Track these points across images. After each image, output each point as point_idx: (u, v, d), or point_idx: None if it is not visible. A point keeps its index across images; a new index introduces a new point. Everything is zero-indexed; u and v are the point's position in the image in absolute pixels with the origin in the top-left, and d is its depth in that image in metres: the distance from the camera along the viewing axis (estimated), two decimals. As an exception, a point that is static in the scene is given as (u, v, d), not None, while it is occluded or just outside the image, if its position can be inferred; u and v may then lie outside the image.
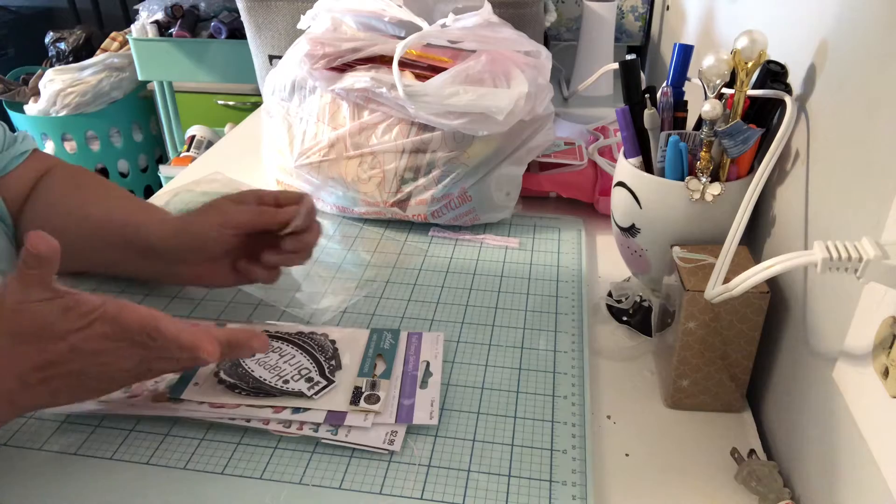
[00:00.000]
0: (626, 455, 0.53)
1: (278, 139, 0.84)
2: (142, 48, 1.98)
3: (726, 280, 0.48)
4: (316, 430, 0.53)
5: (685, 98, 0.61)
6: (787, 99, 0.53)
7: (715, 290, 0.49)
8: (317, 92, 0.81)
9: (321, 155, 0.80)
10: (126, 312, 0.47)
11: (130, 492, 0.49)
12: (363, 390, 0.56)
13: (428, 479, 0.50)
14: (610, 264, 0.75)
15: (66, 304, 0.46)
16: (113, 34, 2.28)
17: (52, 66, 2.23)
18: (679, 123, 0.61)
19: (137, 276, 0.71)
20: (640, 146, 0.62)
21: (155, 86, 2.17)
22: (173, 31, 1.97)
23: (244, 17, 1.06)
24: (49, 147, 2.24)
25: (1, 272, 0.67)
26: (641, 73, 0.65)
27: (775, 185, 0.58)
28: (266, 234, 0.64)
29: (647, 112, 0.60)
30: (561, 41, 1.33)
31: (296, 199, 0.64)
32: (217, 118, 2.26)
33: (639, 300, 0.67)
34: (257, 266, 0.65)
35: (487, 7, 0.81)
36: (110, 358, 0.47)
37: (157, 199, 0.90)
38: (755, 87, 0.56)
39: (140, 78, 2.07)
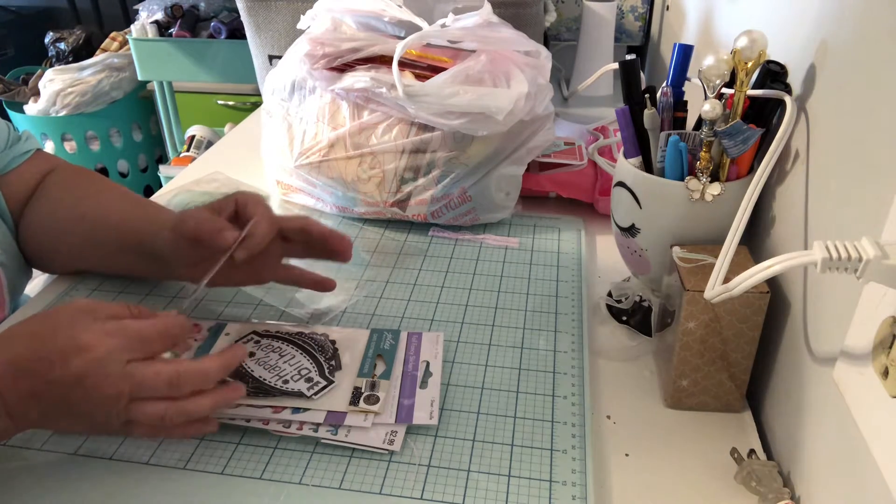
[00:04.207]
0: (626, 455, 0.53)
1: (278, 139, 0.84)
2: (142, 48, 1.98)
3: (726, 280, 0.48)
4: (316, 431, 0.53)
5: (685, 98, 0.61)
6: (787, 99, 0.53)
7: (715, 290, 0.49)
8: (317, 92, 0.81)
9: (321, 155, 0.80)
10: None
11: (130, 492, 0.49)
12: (363, 391, 0.56)
13: (428, 479, 0.50)
14: (610, 264, 0.75)
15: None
16: (113, 34, 2.28)
17: (52, 66, 2.23)
18: (679, 123, 0.61)
19: (136, 275, 0.71)
20: (640, 146, 0.62)
21: (155, 86, 2.17)
22: (173, 31, 1.97)
23: (244, 17, 1.06)
24: (49, 147, 2.24)
25: (1, 264, 0.67)
26: (641, 73, 0.65)
27: (775, 185, 0.58)
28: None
29: (646, 112, 0.60)
30: (561, 41, 1.33)
31: (250, 215, 0.59)
32: (217, 118, 2.25)
33: (639, 300, 0.67)
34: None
35: (487, 7, 0.81)
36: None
37: (157, 199, 0.90)
38: (755, 87, 0.56)
39: (140, 78, 2.07)
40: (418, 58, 0.79)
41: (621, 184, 0.62)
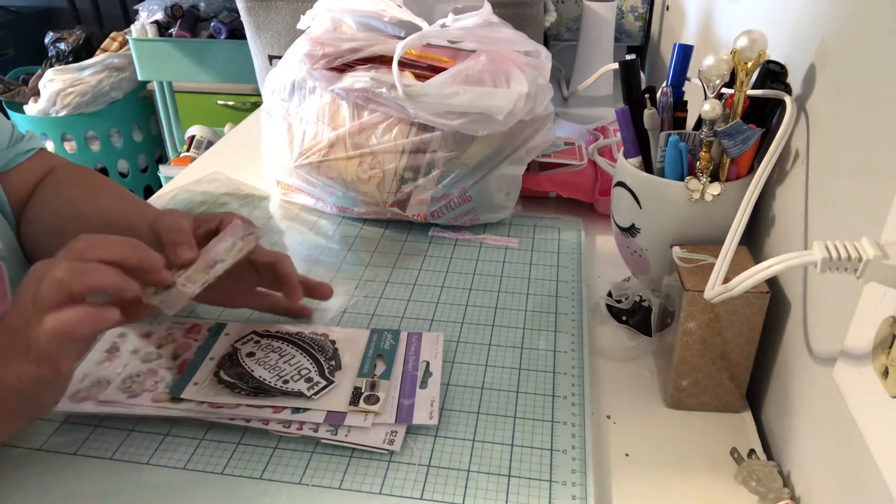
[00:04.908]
0: (626, 455, 0.53)
1: (278, 139, 0.83)
2: (142, 48, 1.98)
3: (726, 280, 0.48)
4: (316, 431, 0.53)
5: (685, 98, 0.61)
6: (787, 99, 0.53)
7: (714, 290, 0.49)
8: (317, 92, 0.81)
9: (321, 155, 0.80)
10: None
11: (130, 492, 0.49)
12: (363, 391, 0.56)
13: (428, 479, 0.50)
14: (610, 264, 0.75)
15: None
16: (113, 34, 2.29)
17: (52, 66, 2.23)
18: (679, 123, 0.61)
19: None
20: (640, 146, 0.62)
21: (155, 86, 2.17)
22: (173, 31, 1.97)
23: (244, 17, 1.06)
24: (49, 147, 2.24)
25: (3, 258, 0.67)
26: (641, 73, 0.65)
27: (775, 185, 0.58)
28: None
29: (646, 112, 0.60)
30: (561, 41, 1.33)
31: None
32: (217, 118, 2.26)
33: (639, 300, 0.67)
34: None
35: (487, 7, 0.81)
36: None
37: (157, 199, 0.90)
38: (755, 87, 0.56)
39: (140, 78, 2.07)
40: (418, 58, 0.79)
41: (621, 184, 0.62)
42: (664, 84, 0.60)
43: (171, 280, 0.52)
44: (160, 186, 1.96)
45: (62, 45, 2.27)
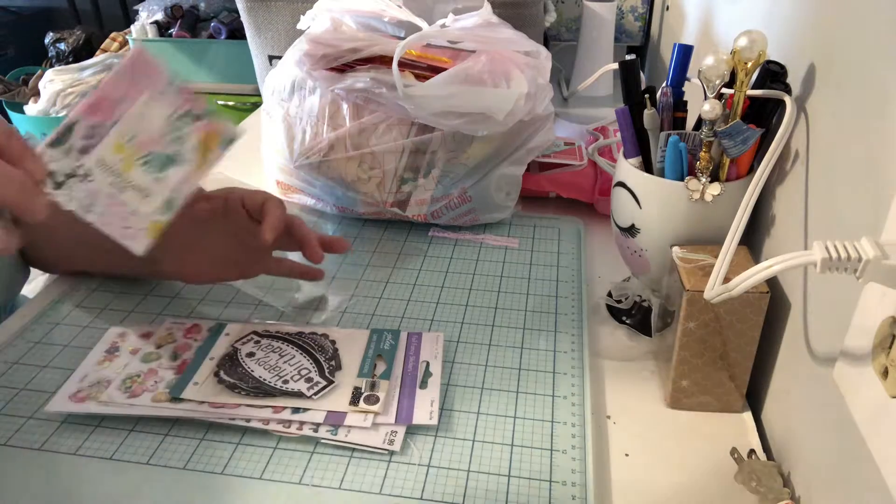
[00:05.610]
0: (626, 455, 0.53)
1: (278, 140, 0.83)
2: (142, 48, 1.99)
3: (726, 280, 0.48)
4: (316, 431, 0.53)
5: (685, 98, 0.61)
6: (787, 99, 0.53)
7: (715, 290, 0.49)
8: (317, 92, 0.81)
9: (321, 155, 0.80)
10: None
11: (130, 492, 0.49)
12: (363, 391, 0.56)
13: (428, 479, 0.50)
14: (610, 264, 0.75)
15: None
16: (113, 34, 2.29)
17: (52, 66, 2.23)
18: (679, 123, 0.61)
19: (128, 274, 0.71)
20: (640, 146, 0.62)
21: (155, 86, 2.17)
22: (173, 31, 1.97)
23: (244, 18, 1.06)
24: (49, 147, 2.24)
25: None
26: (641, 73, 0.65)
27: (775, 185, 0.58)
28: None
29: (646, 112, 0.60)
30: (561, 41, 1.33)
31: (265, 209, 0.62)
32: (217, 118, 2.25)
33: (639, 300, 0.67)
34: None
35: (487, 7, 0.81)
36: None
37: (157, 199, 0.90)
38: (755, 87, 0.56)
39: (140, 78, 2.07)
40: (418, 58, 0.79)
41: (621, 184, 0.62)
42: (664, 84, 0.60)
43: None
44: (160, 186, 1.95)
45: (62, 46, 2.27)
